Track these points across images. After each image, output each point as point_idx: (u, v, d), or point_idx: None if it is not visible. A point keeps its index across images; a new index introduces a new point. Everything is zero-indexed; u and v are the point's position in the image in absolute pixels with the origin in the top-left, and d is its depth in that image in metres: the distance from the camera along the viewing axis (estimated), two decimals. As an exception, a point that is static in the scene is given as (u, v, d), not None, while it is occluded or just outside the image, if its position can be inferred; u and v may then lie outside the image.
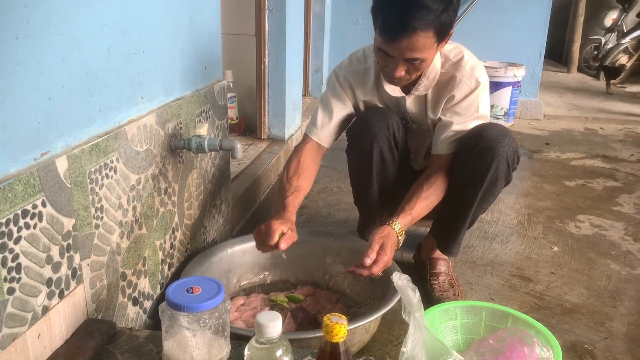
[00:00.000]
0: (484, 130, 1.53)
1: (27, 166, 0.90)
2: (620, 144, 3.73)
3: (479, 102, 1.56)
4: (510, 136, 1.53)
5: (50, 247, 0.94)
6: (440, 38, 1.37)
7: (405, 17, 1.30)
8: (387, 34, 1.35)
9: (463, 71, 1.55)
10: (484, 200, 1.59)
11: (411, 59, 1.38)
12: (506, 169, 1.53)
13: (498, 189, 1.58)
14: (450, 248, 1.72)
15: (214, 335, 1.00)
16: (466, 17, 4.13)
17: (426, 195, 1.53)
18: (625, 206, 2.58)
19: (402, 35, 1.32)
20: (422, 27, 1.30)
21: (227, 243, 1.67)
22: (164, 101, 1.39)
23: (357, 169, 1.75)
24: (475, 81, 1.55)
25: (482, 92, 1.56)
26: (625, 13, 6.57)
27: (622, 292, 1.80)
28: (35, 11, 0.87)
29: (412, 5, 1.29)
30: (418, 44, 1.33)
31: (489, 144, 1.50)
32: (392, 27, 1.33)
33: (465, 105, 1.55)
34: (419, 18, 1.29)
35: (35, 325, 0.92)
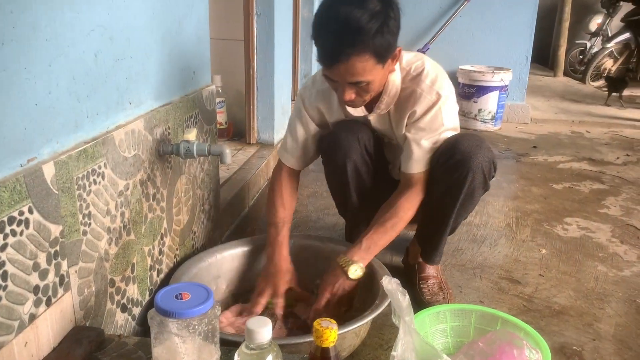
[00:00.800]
0: (458, 142, 1.52)
1: (14, 172, 0.89)
2: (606, 147, 3.77)
3: (442, 115, 1.52)
4: (485, 146, 1.53)
5: (37, 254, 0.94)
6: (381, 59, 1.34)
7: (337, 44, 1.30)
8: (324, 61, 1.35)
9: (423, 85, 1.51)
10: (462, 211, 1.61)
11: (355, 83, 1.36)
12: (482, 179, 1.54)
13: (476, 199, 1.60)
14: (432, 257, 1.75)
15: (203, 341, 1.00)
16: (453, 21, 4.17)
17: (388, 223, 1.51)
18: (612, 208, 2.60)
19: (337, 61, 1.32)
20: (355, 52, 1.28)
21: (216, 248, 1.67)
22: (152, 106, 1.38)
23: (334, 184, 1.77)
24: (435, 94, 1.50)
25: (445, 105, 1.52)
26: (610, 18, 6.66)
27: (610, 293, 1.82)
28: (21, 16, 0.87)
29: (343, 31, 1.28)
30: (355, 68, 1.31)
31: (463, 156, 1.49)
32: (327, 54, 1.33)
33: (428, 120, 1.51)
34: (350, 44, 1.28)
35: (22, 333, 0.91)
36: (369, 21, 1.27)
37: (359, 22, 1.27)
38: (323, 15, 1.33)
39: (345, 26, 1.28)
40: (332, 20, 1.31)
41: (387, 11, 1.31)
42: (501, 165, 3.29)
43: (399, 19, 1.35)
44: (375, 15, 1.28)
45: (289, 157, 1.69)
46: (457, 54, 4.29)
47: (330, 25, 1.32)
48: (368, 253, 1.48)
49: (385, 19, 1.30)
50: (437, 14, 4.23)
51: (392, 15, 1.32)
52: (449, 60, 4.29)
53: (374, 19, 1.27)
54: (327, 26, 1.32)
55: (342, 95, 1.40)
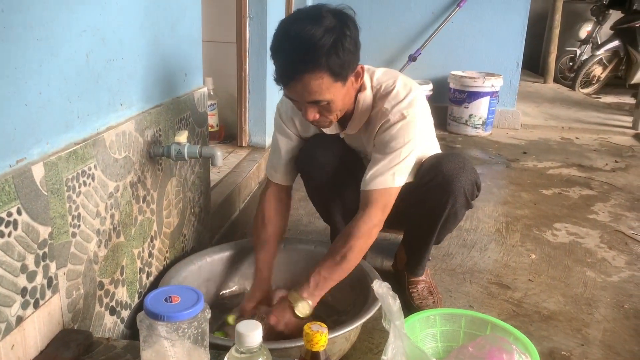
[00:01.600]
0: (441, 163, 1.52)
1: (2, 173, 0.88)
2: (595, 154, 3.80)
3: (405, 136, 1.44)
4: (468, 167, 1.53)
5: (25, 255, 0.93)
6: (337, 77, 1.30)
7: (291, 63, 1.29)
8: (280, 81, 1.34)
9: (389, 104, 1.46)
10: (444, 229, 1.62)
11: (314, 102, 1.34)
12: (464, 202, 1.54)
13: (459, 218, 1.61)
14: (415, 270, 1.77)
15: (193, 344, 0.99)
16: (445, 27, 4.19)
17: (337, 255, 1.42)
18: (601, 214, 2.62)
19: (292, 80, 1.31)
20: (309, 70, 1.27)
21: (206, 251, 1.66)
22: (143, 108, 1.37)
23: (315, 200, 1.77)
24: (399, 115, 1.44)
25: (409, 126, 1.44)
26: (600, 25, 6.72)
27: (598, 299, 1.83)
28: (12, 16, 0.86)
29: (296, 49, 1.27)
30: (311, 86, 1.29)
31: (445, 179, 1.49)
32: (282, 74, 1.32)
33: (388, 139, 1.45)
34: (303, 62, 1.26)
35: (9, 336, 0.90)
36: (321, 38, 1.24)
37: (312, 39, 1.24)
38: (278, 34, 1.32)
39: (298, 44, 1.26)
40: (286, 39, 1.30)
41: (342, 28, 1.28)
42: (491, 170, 3.31)
43: (356, 37, 1.32)
44: (329, 31, 1.25)
45: (274, 173, 1.65)
46: (448, 59, 4.31)
47: (284, 44, 1.30)
48: (317, 289, 1.40)
49: (340, 35, 1.27)
50: (429, 20, 4.25)
51: (347, 33, 1.29)
52: (440, 65, 4.31)
53: (327, 35, 1.25)
54: (281, 45, 1.31)
55: (305, 114, 1.38)
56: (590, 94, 6.51)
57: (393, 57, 4.28)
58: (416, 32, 4.29)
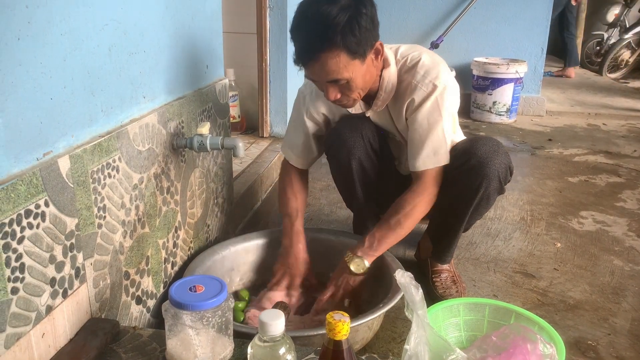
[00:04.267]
0: (474, 146, 1.50)
1: (30, 166, 0.90)
2: (623, 140, 3.72)
3: (440, 107, 1.47)
4: (501, 151, 1.51)
5: (53, 246, 0.95)
6: (355, 55, 1.31)
7: (307, 43, 1.30)
8: (299, 62, 1.35)
9: (418, 76, 1.47)
10: (475, 214, 1.60)
11: (333, 81, 1.35)
12: (498, 186, 1.52)
13: (491, 203, 1.58)
14: (442, 257, 1.75)
15: (217, 333, 1.01)
16: (468, 13, 4.12)
17: (391, 220, 1.49)
18: (629, 202, 2.57)
19: (310, 60, 1.32)
20: (325, 49, 1.28)
21: (230, 241, 1.67)
22: (165, 100, 1.39)
23: (340, 181, 1.76)
24: (431, 85, 1.46)
25: (441, 97, 1.47)
26: (628, 8, 6.55)
27: (626, 288, 1.80)
28: (36, 11, 0.87)
29: (312, 29, 1.29)
30: (329, 65, 1.30)
31: (479, 162, 1.48)
32: (300, 55, 1.33)
33: (425, 112, 1.47)
34: (319, 42, 1.28)
35: (40, 324, 0.93)
36: (336, 16, 1.25)
37: (327, 18, 1.26)
38: (296, 15, 1.33)
39: (314, 24, 1.28)
40: (302, 20, 1.31)
41: (358, 6, 1.28)
42: (516, 158, 3.26)
43: (373, 14, 1.32)
44: (344, 9, 1.26)
45: (292, 156, 1.68)
46: (471, 46, 4.25)
47: (300, 25, 1.32)
48: (372, 250, 1.48)
49: (355, 13, 1.27)
50: (451, 6, 4.19)
51: (364, 11, 1.29)
52: (463, 52, 4.25)
53: (342, 13, 1.26)
54: (298, 26, 1.33)
55: (327, 94, 1.39)
56: (618, 78, 6.36)
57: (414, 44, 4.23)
58: (438, 18, 4.23)
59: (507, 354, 1.13)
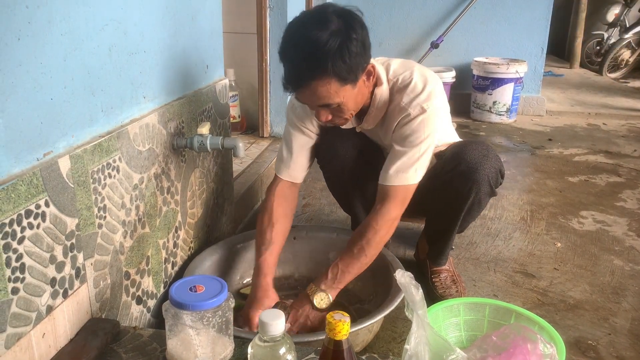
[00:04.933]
0: (464, 151, 1.49)
1: (30, 166, 0.90)
2: (623, 140, 3.71)
3: (425, 130, 1.42)
4: (491, 155, 1.50)
5: (53, 246, 0.95)
6: (345, 80, 1.29)
7: (297, 70, 1.28)
8: (289, 88, 1.33)
9: (407, 98, 1.44)
10: (468, 217, 1.60)
11: (324, 106, 1.34)
12: (488, 190, 1.52)
13: (483, 206, 1.59)
14: (437, 259, 1.75)
15: (217, 333, 1.01)
16: (468, 13, 4.12)
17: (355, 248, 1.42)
18: (629, 202, 2.57)
19: (300, 87, 1.30)
20: (315, 77, 1.26)
21: (230, 241, 1.68)
22: (166, 100, 1.39)
23: (335, 191, 1.76)
24: (419, 108, 1.42)
25: (429, 120, 1.42)
26: (628, 8, 6.55)
27: (626, 287, 1.80)
28: (36, 12, 0.87)
29: (302, 57, 1.26)
30: (319, 92, 1.28)
31: (468, 167, 1.47)
32: (290, 81, 1.31)
33: (409, 133, 1.43)
34: (309, 69, 1.25)
35: (40, 324, 0.93)
36: (326, 43, 1.22)
37: (317, 45, 1.23)
38: (285, 38, 1.30)
39: (303, 51, 1.25)
40: (292, 44, 1.29)
41: (348, 31, 1.25)
42: (516, 158, 3.26)
43: (363, 38, 1.29)
44: (334, 35, 1.23)
45: (284, 169, 1.59)
46: (471, 45, 4.25)
47: (289, 50, 1.29)
48: (336, 282, 1.40)
49: (345, 39, 1.24)
50: (451, 6, 4.18)
51: (354, 36, 1.26)
52: (463, 52, 4.25)
53: (332, 39, 1.23)
54: (288, 52, 1.30)
55: (318, 116, 1.38)
56: (618, 78, 6.36)
57: (414, 45, 4.23)
58: (438, 18, 4.23)
59: (508, 353, 1.13)
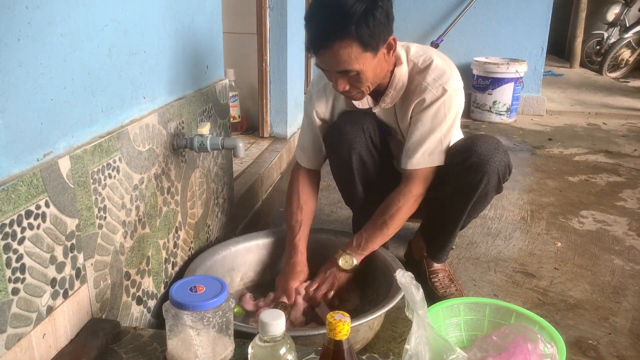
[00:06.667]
0: (475, 143, 1.50)
1: (30, 167, 0.90)
2: (623, 139, 3.71)
3: (446, 111, 1.48)
4: (502, 149, 1.51)
5: (54, 247, 0.95)
6: (367, 47, 1.31)
7: (321, 32, 1.31)
8: (311, 50, 1.36)
9: (429, 78, 1.48)
10: (473, 212, 1.60)
11: (344, 72, 1.35)
12: (496, 183, 1.52)
13: (488, 201, 1.59)
14: (439, 256, 1.74)
15: (217, 333, 1.01)
16: (468, 13, 4.12)
17: (379, 220, 1.54)
18: (629, 201, 2.57)
19: (322, 49, 1.32)
20: (338, 39, 1.28)
21: (230, 241, 1.67)
22: (166, 101, 1.39)
23: (340, 176, 1.75)
24: (441, 89, 1.47)
25: (449, 101, 1.48)
26: (628, 7, 6.55)
27: (626, 287, 1.80)
28: (36, 12, 0.87)
29: (327, 18, 1.29)
30: (340, 55, 1.30)
31: (479, 158, 1.48)
32: (312, 43, 1.34)
33: (430, 115, 1.48)
34: (332, 31, 1.28)
35: (40, 325, 0.93)
36: (352, 6, 1.26)
37: (342, 8, 1.26)
38: (312, 3, 1.35)
39: (329, 12, 1.29)
40: (318, 7, 1.32)
41: None
42: (516, 158, 3.26)
43: (388, 8, 1.33)
44: (360, 0, 1.27)
45: (303, 157, 1.69)
46: (471, 45, 4.25)
47: (315, 12, 1.33)
48: (360, 249, 1.53)
49: (371, 5, 1.28)
50: (451, 5, 4.19)
51: (380, 4, 1.30)
52: (463, 51, 4.25)
53: (358, 4, 1.26)
54: (313, 13, 1.34)
55: (336, 85, 1.40)
56: (618, 78, 6.36)
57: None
58: (438, 18, 4.23)
59: (508, 353, 1.13)
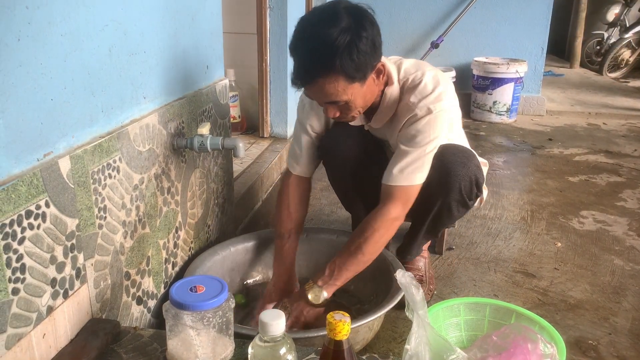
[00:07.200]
0: (444, 154, 1.48)
1: (30, 167, 0.90)
2: (623, 139, 3.71)
3: (431, 131, 1.41)
4: (471, 164, 1.49)
5: (54, 247, 0.95)
6: (353, 78, 1.28)
7: (305, 67, 1.28)
8: (297, 84, 1.33)
9: (415, 98, 1.42)
10: (438, 223, 1.60)
11: (332, 102, 1.34)
12: (459, 197, 1.50)
13: (454, 214, 1.56)
14: (402, 254, 1.75)
15: (217, 333, 1.01)
16: (468, 13, 4.12)
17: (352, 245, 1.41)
18: (629, 201, 2.57)
19: (308, 84, 1.31)
20: (322, 74, 1.26)
21: (230, 241, 1.68)
22: (166, 101, 1.39)
23: (336, 186, 1.76)
24: (426, 109, 1.41)
25: (435, 121, 1.42)
26: (628, 7, 6.55)
27: (626, 287, 1.80)
28: (36, 12, 0.87)
29: (309, 54, 1.27)
30: (327, 90, 1.29)
31: (443, 170, 1.47)
32: (298, 77, 1.31)
33: (414, 133, 1.42)
34: (316, 67, 1.26)
35: (40, 325, 0.93)
36: (335, 40, 1.22)
37: (325, 42, 1.23)
38: (295, 33, 1.31)
39: (312, 47, 1.26)
40: (301, 40, 1.29)
41: (358, 30, 1.25)
42: (516, 158, 3.26)
43: (373, 36, 1.28)
44: (343, 33, 1.23)
45: (295, 165, 1.63)
46: (471, 45, 4.25)
47: (299, 46, 1.30)
48: (332, 279, 1.39)
49: (354, 37, 1.24)
50: (451, 6, 4.19)
51: (363, 34, 1.25)
52: (463, 52, 4.25)
53: (341, 37, 1.22)
54: (297, 47, 1.30)
55: (326, 112, 1.39)
56: (618, 78, 6.36)
57: (415, 44, 4.24)
58: (438, 18, 4.23)
59: (508, 353, 1.13)
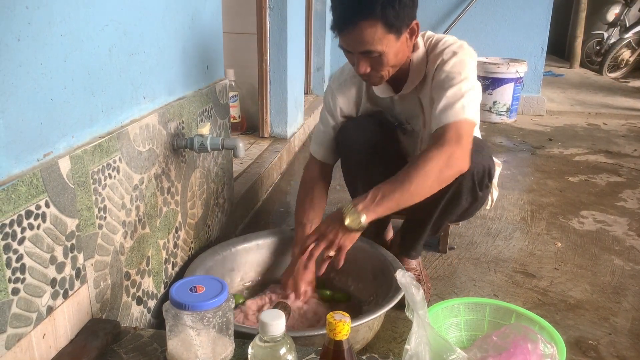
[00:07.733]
0: None
1: (30, 167, 0.90)
2: (623, 139, 3.72)
3: (463, 64, 1.44)
4: (484, 153, 1.49)
5: (54, 247, 0.95)
6: (393, 30, 1.33)
7: (346, 10, 1.32)
8: (336, 29, 1.37)
9: (440, 48, 1.49)
10: (446, 213, 1.57)
11: (366, 52, 1.36)
12: (471, 185, 1.49)
13: (462, 204, 1.54)
14: (408, 252, 1.73)
15: (217, 333, 1.01)
16: (467, 12, 4.13)
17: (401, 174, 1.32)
18: (629, 201, 2.57)
19: (347, 28, 1.34)
20: (363, 18, 1.30)
21: (230, 242, 1.67)
22: (166, 101, 1.39)
23: (348, 177, 1.76)
24: (451, 53, 1.46)
25: (466, 57, 1.46)
26: (628, 7, 6.55)
27: (626, 287, 1.80)
28: (36, 12, 0.87)
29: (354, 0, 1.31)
30: (364, 36, 1.32)
31: None
32: (338, 22, 1.35)
33: (449, 68, 1.44)
34: (358, 10, 1.30)
35: (40, 325, 0.93)
36: None
37: None
38: None
39: None
40: None
41: None
42: (516, 158, 3.26)
43: None
44: None
45: (319, 150, 1.68)
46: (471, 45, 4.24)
47: None
48: (373, 204, 1.28)
49: None
50: (451, 6, 4.19)
51: None
52: (463, 52, 4.25)
53: None
54: None
55: (357, 67, 1.40)
56: (618, 78, 6.36)
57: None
58: (438, 18, 4.23)
59: (508, 353, 1.13)
